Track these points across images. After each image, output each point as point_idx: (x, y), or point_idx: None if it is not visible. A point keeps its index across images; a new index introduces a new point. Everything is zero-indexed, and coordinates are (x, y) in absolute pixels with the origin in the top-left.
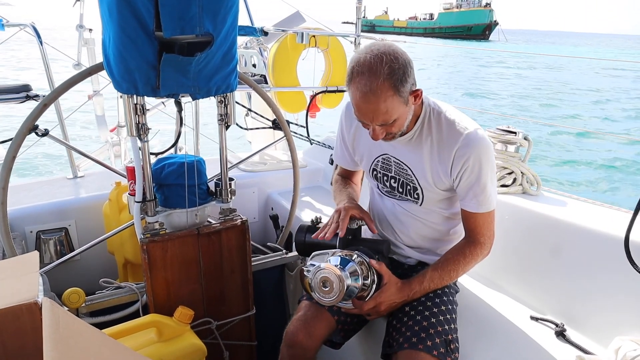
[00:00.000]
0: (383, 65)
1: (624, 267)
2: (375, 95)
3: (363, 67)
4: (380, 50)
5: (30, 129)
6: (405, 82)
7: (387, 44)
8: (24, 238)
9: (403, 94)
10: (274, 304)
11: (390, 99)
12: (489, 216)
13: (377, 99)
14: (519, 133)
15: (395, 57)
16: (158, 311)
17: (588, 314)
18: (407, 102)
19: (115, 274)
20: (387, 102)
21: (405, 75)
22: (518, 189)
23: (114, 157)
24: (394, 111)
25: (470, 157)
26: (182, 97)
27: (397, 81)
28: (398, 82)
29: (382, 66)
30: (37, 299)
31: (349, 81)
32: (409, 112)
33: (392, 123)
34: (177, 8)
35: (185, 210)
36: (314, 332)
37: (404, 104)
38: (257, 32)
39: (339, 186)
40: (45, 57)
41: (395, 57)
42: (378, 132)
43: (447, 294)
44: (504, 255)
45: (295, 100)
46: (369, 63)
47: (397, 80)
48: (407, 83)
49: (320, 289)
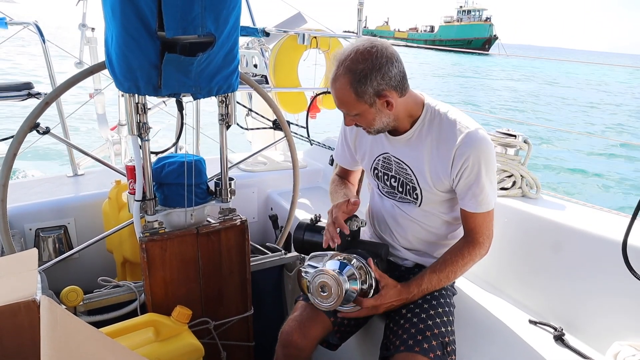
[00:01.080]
0: (346, 61)
1: (623, 272)
2: (335, 85)
3: (336, 55)
4: (357, 47)
5: (32, 127)
6: (364, 84)
7: (373, 43)
8: (23, 235)
9: (361, 94)
10: (272, 304)
11: (347, 94)
12: (487, 216)
13: (336, 88)
14: (519, 136)
15: (365, 58)
16: (156, 310)
17: (587, 318)
18: (372, 104)
19: (114, 272)
20: (344, 94)
21: (366, 78)
22: (517, 192)
23: (114, 155)
24: (350, 105)
25: (470, 157)
26: (183, 96)
27: (354, 80)
28: (355, 82)
29: (345, 61)
30: (36, 297)
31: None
32: (379, 114)
33: (355, 116)
34: (179, 8)
35: (184, 210)
36: (308, 333)
37: (365, 103)
38: (259, 33)
39: (335, 187)
40: (47, 55)
41: (365, 57)
42: (347, 119)
43: (445, 296)
44: (502, 258)
45: (295, 100)
46: (340, 54)
47: (354, 80)
48: (368, 86)
49: (319, 293)
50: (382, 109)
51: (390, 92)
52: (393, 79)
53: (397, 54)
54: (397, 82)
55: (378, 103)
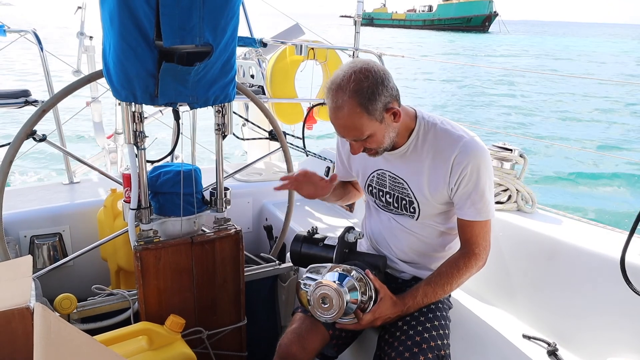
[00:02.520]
0: (350, 83)
1: (617, 287)
2: (342, 112)
3: (334, 84)
4: (352, 68)
5: (28, 134)
6: (374, 101)
7: (364, 61)
8: (17, 242)
9: (373, 112)
10: (266, 314)
11: (358, 116)
12: (485, 225)
13: (344, 115)
14: (515, 150)
15: (366, 76)
16: (149, 319)
17: (581, 333)
18: (382, 119)
19: (108, 280)
20: (354, 118)
21: (374, 93)
22: (513, 206)
23: (110, 163)
24: (363, 128)
25: (468, 165)
26: (180, 106)
27: (364, 99)
28: (365, 100)
29: (349, 83)
30: (29, 304)
31: (325, 98)
32: (388, 130)
33: (366, 139)
34: (178, 18)
35: (179, 219)
36: (308, 346)
37: (376, 121)
38: (256, 43)
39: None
40: (45, 63)
41: (366, 75)
42: (355, 146)
43: (441, 309)
44: (497, 272)
45: (292, 111)
46: (339, 80)
47: (364, 99)
48: (377, 102)
49: (320, 305)
50: (390, 122)
51: (394, 103)
52: (394, 89)
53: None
54: (396, 91)
55: (386, 117)
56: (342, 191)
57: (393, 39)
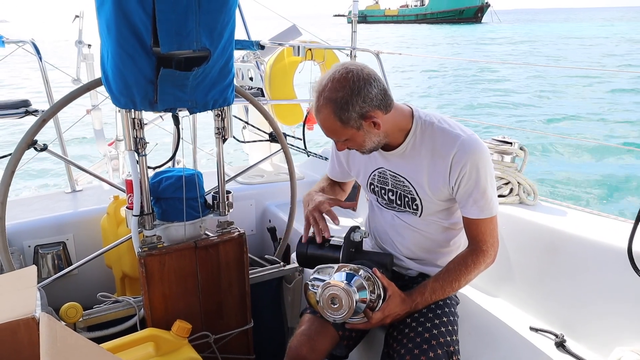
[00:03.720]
0: (325, 91)
1: (623, 277)
2: (320, 115)
3: (315, 87)
4: (333, 74)
5: (29, 144)
6: (346, 111)
7: (348, 68)
8: (22, 253)
9: (346, 120)
10: (272, 316)
11: (332, 123)
12: (491, 222)
13: (321, 119)
14: (515, 143)
15: (343, 85)
16: (155, 325)
17: (588, 324)
18: (359, 127)
19: (113, 288)
20: (329, 123)
21: (348, 104)
22: (515, 199)
23: (112, 170)
24: (338, 133)
25: (467, 163)
26: (179, 111)
27: (336, 108)
28: (338, 109)
29: (324, 91)
30: (35, 314)
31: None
32: (368, 135)
33: (345, 141)
34: (174, 24)
35: (182, 224)
36: (317, 347)
37: (352, 128)
38: (254, 46)
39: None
40: (44, 73)
41: (343, 84)
42: (338, 145)
43: (448, 305)
44: (502, 266)
45: (292, 112)
46: (318, 85)
47: (336, 108)
48: (351, 112)
49: (329, 306)
50: (369, 129)
51: (375, 112)
52: (375, 99)
53: (374, 74)
54: (379, 101)
55: (365, 125)
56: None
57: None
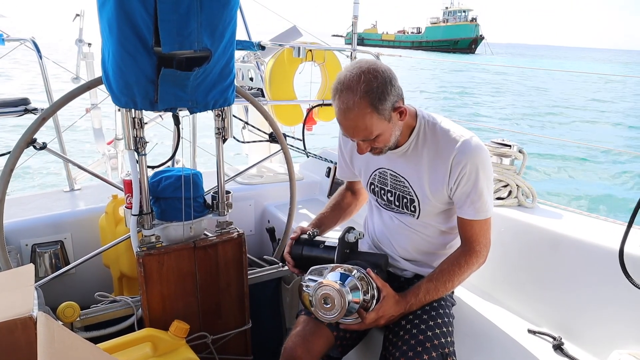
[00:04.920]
0: (360, 84)
1: (620, 280)
2: (353, 113)
3: (343, 85)
4: (360, 68)
5: (29, 142)
6: (384, 100)
7: (370, 62)
8: (19, 251)
9: (382, 111)
10: (270, 317)
11: (369, 116)
12: (485, 224)
13: (355, 116)
14: (514, 146)
15: (375, 76)
16: (153, 325)
17: (585, 327)
18: (390, 119)
19: (111, 287)
20: (365, 119)
21: (384, 93)
22: (513, 202)
23: (111, 169)
24: (373, 127)
25: (467, 164)
26: (179, 110)
27: (374, 99)
28: (376, 100)
29: (360, 84)
30: (32, 313)
31: (332, 98)
32: (394, 129)
33: (374, 139)
34: (176, 24)
35: (181, 224)
36: (312, 348)
37: (385, 120)
38: (255, 47)
39: (327, 205)
40: (44, 71)
41: (374, 75)
42: (362, 146)
43: (444, 306)
44: (500, 268)
45: (291, 113)
46: (348, 81)
47: (374, 99)
48: (387, 101)
49: (322, 306)
50: (396, 121)
51: (400, 102)
52: (399, 88)
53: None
54: (401, 90)
55: (394, 116)
56: (337, 213)
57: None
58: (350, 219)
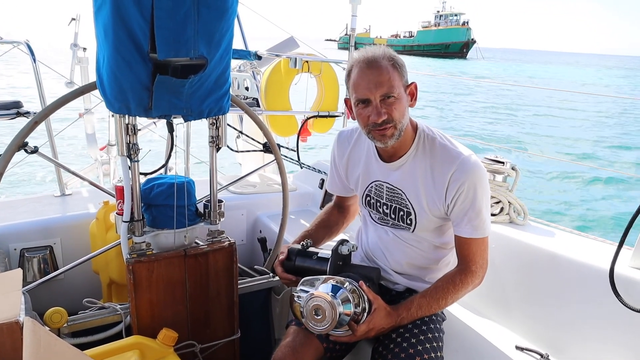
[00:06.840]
0: (386, 52)
1: (609, 298)
2: (377, 63)
3: (366, 51)
4: (382, 48)
5: (20, 146)
6: (404, 69)
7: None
8: (7, 255)
9: (403, 74)
10: (260, 327)
11: (392, 70)
12: (482, 243)
13: (379, 65)
14: (507, 163)
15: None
16: (142, 333)
17: (573, 344)
18: (406, 90)
19: (100, 293)
20: (389, 71)
21: (403, 66)
22: (505, 218)
23: (103, 175)
24: (395, 83)
25: (465, 182)
26: (174, 118)
27: (398, 63)
28: (399, 65)
29: (386, 52)
30: (19, 318)
31: (348, 72)
32: (406, 107)
33: (392, 103)
34: (172, 31)
35: (172, 231)
36: (302, 359)
37: (403, 87)
38: (251, 56)
39: (313, 222)
40: (38, 74)
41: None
42: (380, 108)
43: (434, 321)
44: (490, 284)
45: (286, 124)
46: (372, 51)
47: (398, 63)
48: (405, 73)
49: (313, 317)
50: (407, 103)
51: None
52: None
53: None
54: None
55: (406, 95)
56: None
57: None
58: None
